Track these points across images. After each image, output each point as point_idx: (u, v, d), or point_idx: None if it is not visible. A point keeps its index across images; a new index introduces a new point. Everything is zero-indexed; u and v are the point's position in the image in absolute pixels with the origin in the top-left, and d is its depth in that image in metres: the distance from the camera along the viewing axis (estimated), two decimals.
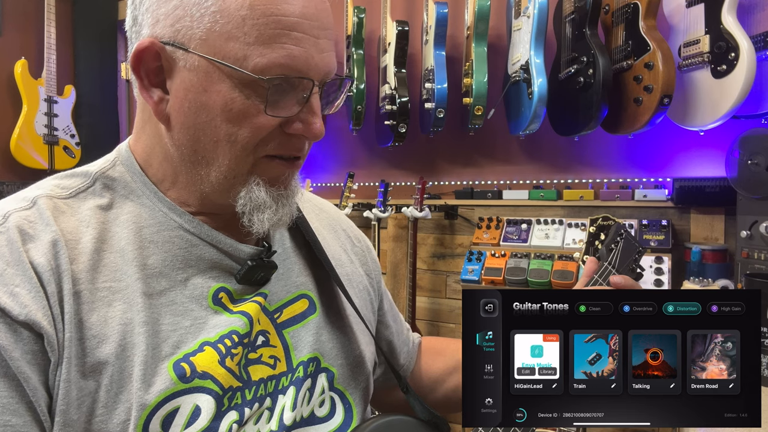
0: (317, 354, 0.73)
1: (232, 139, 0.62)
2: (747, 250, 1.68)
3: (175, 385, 0.60)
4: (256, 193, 0.64)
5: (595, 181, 2.24)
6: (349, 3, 2.56)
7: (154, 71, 0.63)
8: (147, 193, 0.67)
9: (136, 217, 0.66)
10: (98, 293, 0.61)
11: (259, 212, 0.65)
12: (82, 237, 0.63)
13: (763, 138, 1.67)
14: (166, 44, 0.61)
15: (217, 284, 0.67)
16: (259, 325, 0.69)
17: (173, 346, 0.62)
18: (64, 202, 0.65)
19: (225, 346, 0.65)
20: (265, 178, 0.65)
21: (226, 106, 0.60)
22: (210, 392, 0.62)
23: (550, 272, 2.04)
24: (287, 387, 0.69)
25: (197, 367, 0.62)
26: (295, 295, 0.75)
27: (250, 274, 0.69)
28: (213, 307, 0.66)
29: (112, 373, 0.59)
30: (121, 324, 0.60)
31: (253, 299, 0.69)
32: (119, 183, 0.68)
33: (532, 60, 2.02)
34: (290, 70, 0.60)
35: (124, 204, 0.67)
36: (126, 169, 0.69)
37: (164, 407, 0.60)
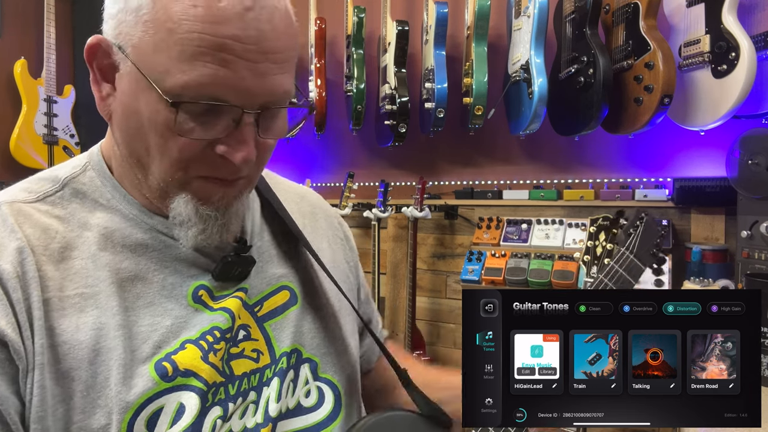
0: (298, 345, 0.73)
1: (162, 151, 0.60)
2: (747, 250, 1.68)
3: (158, 385, 0.60)
4: (183, 208, 0.63)
5: (596, 181, 2.24)
6: (349, 3, 2.56)
7: (107, 67, 0.62)
8: (117, 197, 0.67)
9: (107, 221, 0.65)
10: (69, 300, 0.60)
11: (185, 228, 0.64)
12: (50, 243, 0.62)
13: (764, 138, 1.67)
14: (113, 44, 0.61)
15: (196, 282, 0.67)
16: (240, 319, 0.69)
17: (154, 346, 0.62)
18: (31, 206, 0.64)
19: (207, 342, 0.64)
20: (197, 196, 0.63)
21: (152, 117, 0.59)
22: (194, 389, 0.62)
23: (550, 272, 2.04)
24: (271, 379, 0.69)
25: (179, 365, 0.62)
26: (275, 287, 0.74)
27: (227, 271, 0.68)
28: (193, 305, 0.66)
29: (86, 378, 0.58)
30: (94, 329, 0.60)
31: (233, 295, 0.69)
32: (89, 188, 0.67)
33: (533, 60, 2.02)
34: (213, 90, 0.57)
35: (95, 209, 0.66)
36: (96, 174, 0.68)
37: (148, 408, 0.59)
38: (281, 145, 2.80)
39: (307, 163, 2.95)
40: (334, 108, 2.68)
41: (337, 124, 2.75)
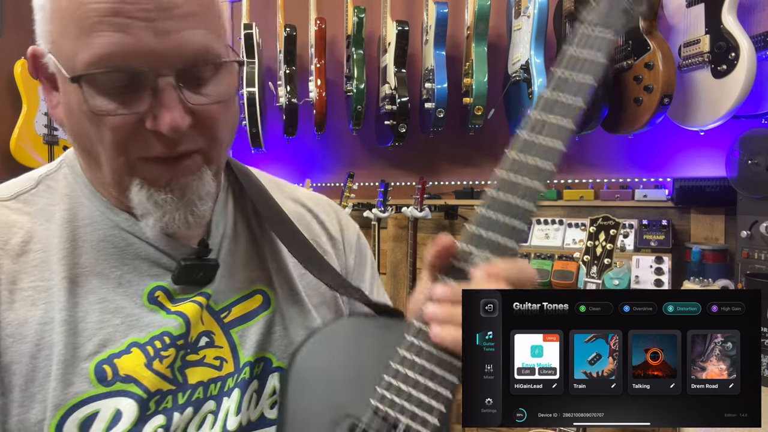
0: (267, 354, 0.70)
1: (99, 139, 0.58)
2: (747, 250, 1.68)
3: (94, 389, 0.59)
4: (138, 196, 0.60)
5: (595, 181, 2.24)
6: (349, 3, 2.56)
7: (51, 76, 0.61)
8: (87, 194, 0.66)
9: (73, 216, 0.64)
10: (22, 293, 0.60)
11: (145, 217, 0.62)
12: (10, 238, 0.62)
13: (763, 138, 1.67)
14: (43, 50, 0.59)
15: (155, 283, 0.65)
16: (202, 325, 0.66)
17: (99, 344, 0.60)
18: (4, 204, 0.65)
19: (154, 348, 0.62)
20: (146, 181, 0.60)
21: (80, 107, 0.57)
22: (133, 396, 0.60)
23: (550, 272, 2.04)
24: (232, 389, 0.66)
25: (120, 369, 0.60)
26: (246, 292, 0.71)
27: (187, 274, 0.66)
28: (148, 305, 0.64)
29: (26, 372, 0.58)
30: (41, 324, 0.59)
31: (192, 299, 0.66)
32: (61, 184, 0.67)
33: (533, 60, 2.02)
34: (116, 60, 0.54)
35: (62, 203, 0.65)
36: (70, 171, 0.68)
37: (81, 410, 0.58)
38: (281, 145, 2.80)
39: (307, 163, 2.95)
40: (334, 108, 2.68)
41: (337, 124, 2.75)
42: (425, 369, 0.56)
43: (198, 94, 0.58)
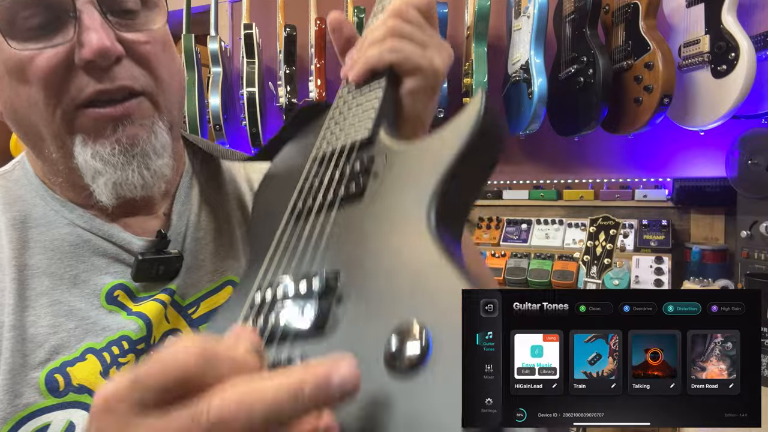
0: None
1: (33, 101, 0.53)
2: (747, 250, 1.68)
3: (45, 400, 0.54)
4: (82, 156, 0.55)
5: (595, 181, 2.24)
6: (349, 3, 2.56)
7: None
8: (41, 193, 0.63)
9: (24, 217, 0.61)
10: None
11: (95, 180, 0.56)
12: None
13: (764, 138, 1.67)
14: None
15: (114, 281, 0.60)
16: (167, 324, 0.62)
17: (51, 351, 0.55)
18: None
19: (111, 354, 0.57)
20: (89, 134, 0.55)
21: (5, 65, 0.53)
22: (86, 408, 0.55)
23: (550, 272, 2.04)
24: None
25: (73, 379, 0.55)
26: (217, 284, 0.66)
27: (146, 270, 0.61)
28: (107, 306, 0.59)
29: None
30: None
31: (155, 298, 0.61)
32: (15, 184, 0.64)
33: (532, 60, 2.02)
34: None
35: (15, 204, 0.62)
36: (23, 172, 0.65)
37: (30, 423, 0.54)
38: None
39: None
40: None
41: None
42: (352, 102, 0.56)
43: (127, 27, 0.55)
